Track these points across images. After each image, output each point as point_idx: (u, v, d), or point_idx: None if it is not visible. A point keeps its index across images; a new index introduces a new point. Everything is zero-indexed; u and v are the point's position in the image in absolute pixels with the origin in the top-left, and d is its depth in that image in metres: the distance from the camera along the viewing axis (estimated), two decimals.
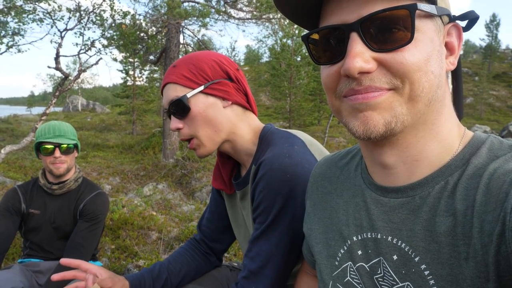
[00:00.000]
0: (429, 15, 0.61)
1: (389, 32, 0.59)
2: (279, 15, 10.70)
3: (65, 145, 2.09)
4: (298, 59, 20.03)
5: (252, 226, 1.24)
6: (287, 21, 12.05)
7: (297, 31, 19.05)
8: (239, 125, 1.20)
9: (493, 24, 52.81)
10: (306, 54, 19.85)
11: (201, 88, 1.15)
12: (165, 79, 1.19)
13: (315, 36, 0.67)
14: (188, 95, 1.14)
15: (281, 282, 1.09)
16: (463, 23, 0.68)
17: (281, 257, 1.06)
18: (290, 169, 1.04)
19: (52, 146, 2.07)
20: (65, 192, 2.18)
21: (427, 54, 0.60)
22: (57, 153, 2.07)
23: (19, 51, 8.72)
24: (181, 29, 10.03)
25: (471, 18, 0.66)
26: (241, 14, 10.41)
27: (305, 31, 0.71)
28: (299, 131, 1.28)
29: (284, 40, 19.36)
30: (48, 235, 2.17)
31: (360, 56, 0.59)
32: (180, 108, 1.15)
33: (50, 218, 2.15)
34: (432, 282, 0.60)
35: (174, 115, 1.18)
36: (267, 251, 1.06)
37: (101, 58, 8.84)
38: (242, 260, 1.15)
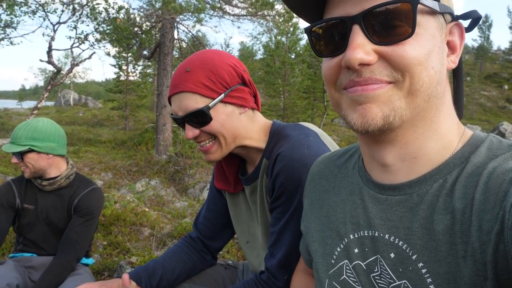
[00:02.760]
0: (431, 12, 0.61)
1: (391, 25, 0.59)
2: (274, 12, 10.67)
3: (17, 152, 1.98)
4: (293, 56, 20.02)
5: (261, 219, 1.27)
6: (282, 18, 12.03)
7: (291, 29, 19.04)
8: (250, 128, 1.20)
9: (485, 25, 53.28)
10: (301, 52, 19.86)
11: (221, 97, 1.11)
12: (179, 86, 1.10)
13: (318, 29, 0.67)
14: (210, 105, 1.09)
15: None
16: (465, 23, 0.68)
17: None
18: (310, 160, 1.06)
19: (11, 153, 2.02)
20: (57, 189, 2.14)
21: (428, 50, 0.60)
22: (14, 159, 2.01)
23: (11, 43, 8.58)
24: (175, 24, 9.95)
25: (473, 18, 0.66)
26: (236, 11, 10.37)
27: (306, 24, 0.71)
28: (308, 123, 1.30)
29: (279, 37, 19.33)
30: (42, 231, 2.13)
31: (361, 47, 0.59)
32: (199, 119, 1.10)
33: (42, 214, 2.12)
34: (429, 280, 0.60)
35: (191, 124, 1.13)
36: (291, 240, 1.11)
37: (94, 52, 8.76)
38: (268, 247, 1.19)
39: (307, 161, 1.06)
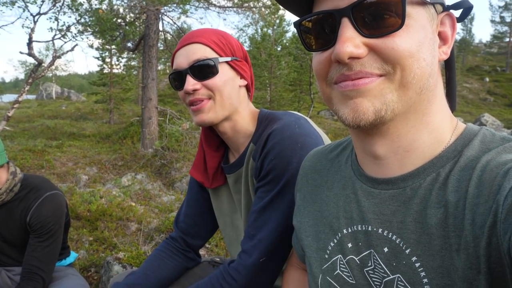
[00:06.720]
0: (421, 3, 0.61)
1: (380, 17, 0.58)
2: (260, 3, 10.60)
3: None
4: (279, 49, 20.01)
5: (245, 211, 1.24)
6: (268, 10, 11.96)
7: (278, 21, 18.99)
8: (243, 106, 1.22)
9: (468, 18, 54.10)
10: (287, 44, 19.85)
11: (229, 59, 1.16)
12: (191, 39, 1.14)
13: (307, 23, 0.66)
14: (220, 60, 1.13)
15: (285, 249, 1.10)
16: (457, 13, 0.67)
17: (288, 226, 1.05)
18: (301, 139, 1.06)
19: None
20: (1, 204, 1.80)
21: (419, 41, 0.59)
22: None
23: None
24: (160, 16, 9.78)
25: (465, 8, 0.66)
26: (222, 2, 10.29)
27: (293, 16, 0.70)
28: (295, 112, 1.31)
29: (265, 29, 19.28)
30: (3, 247, 1.89)
31: (350, 41, 0.59)
32: (205, 70, 1.12)
33: None
34: (423, 274, 0.60)
35: (194, 76, 1.12)
36: (276, 219, 1.07)
37: (76, 45, 8.55)
38: (245, 230, 1.14)
39: (298, 139, 1.07)
